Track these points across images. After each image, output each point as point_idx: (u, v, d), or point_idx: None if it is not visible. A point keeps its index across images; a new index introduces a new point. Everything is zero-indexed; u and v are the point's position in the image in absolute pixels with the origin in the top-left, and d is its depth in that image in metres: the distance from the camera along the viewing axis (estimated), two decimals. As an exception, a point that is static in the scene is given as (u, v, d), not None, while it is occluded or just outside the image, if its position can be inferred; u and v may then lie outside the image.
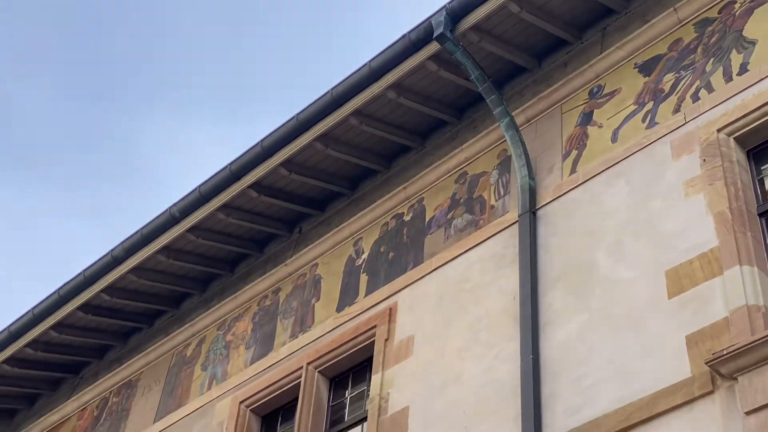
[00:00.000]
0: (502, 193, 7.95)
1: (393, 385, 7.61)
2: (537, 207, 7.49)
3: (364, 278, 8.66)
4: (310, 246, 9.38)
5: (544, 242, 7.25)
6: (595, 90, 7.75)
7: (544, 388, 6.48)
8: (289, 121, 8.77)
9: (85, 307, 10.30)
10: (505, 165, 8.09)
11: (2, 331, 10.55)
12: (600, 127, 7.51)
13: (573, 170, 7.46)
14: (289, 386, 8.63)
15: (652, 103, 7.24)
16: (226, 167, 9.17)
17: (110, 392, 10.62)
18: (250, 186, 9.19)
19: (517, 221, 7.51)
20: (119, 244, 9.86)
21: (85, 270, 10.07)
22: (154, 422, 9.74)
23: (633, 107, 7.36)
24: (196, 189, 9.36)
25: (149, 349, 10.43)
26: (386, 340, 7.95)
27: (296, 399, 8.53)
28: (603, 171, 7.20)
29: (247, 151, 9.06)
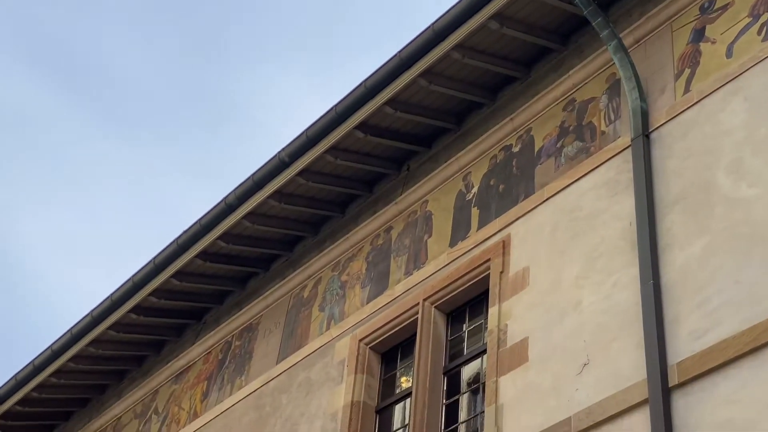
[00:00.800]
0: (612, 118, 7.79)
1: (511, 316, 7.60)
2: (650, 130, 7.33)
3: (475, 212, 8.63)
4: (419, 183, 9.38)
5: (659, 165, 7.10)
6: (706, 5, 7.49)
7: (667, 313, 6.39)
8: (391, 59, 8.74)
9: (203, 255, 10.54)
10: (614, 89, 7.92)
11: (127, 281, 10.89)
12: (713, 43, 7.27)
13: (686, 90, 7.25)
14: (406, 323, 8.71)
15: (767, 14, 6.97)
16: (331, 109, 9.20)
17: (232, 336, 10.89)
18: (356, 127, 9.21)
19: (630, 146, 7.37)
20: (232, 192, 10.04)
21: (200, 218, 10.29)
22: (276, 363, 9.95)
23: (747, 20, 7.09)
24: (303, 133, 9.43)
25: (267, 293, 10.64)
26: (501, 272, 7.93)
27: (414, 335, 8.60)
28: (718, 88, 6.99)
29: (351, 92, 9.07)
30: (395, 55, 8.69)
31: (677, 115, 7.22)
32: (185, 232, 10.42)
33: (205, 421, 10.43)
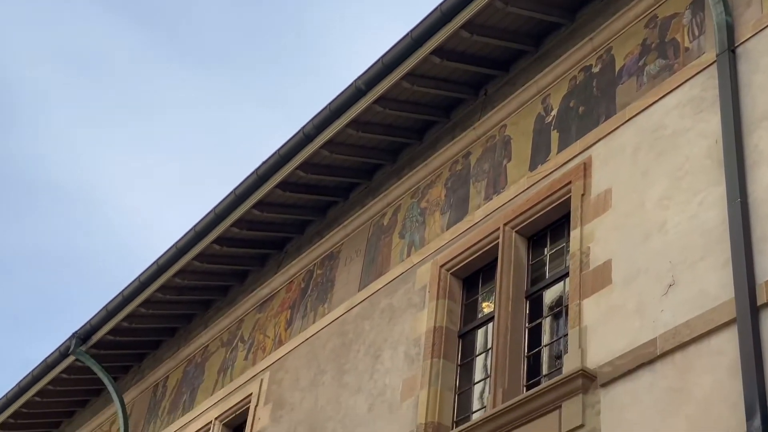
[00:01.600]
0: (696, 34, 7.59)
1: (593, 239, 7.54)
2: (736, 45, 7.12)
3: (555, 135, 8.53)
4: (497, 107, 9.29)
5: (745, 81, 6.91)
6: None
7: (755, 231, 6.27)
8: (467, -18, 8.61)
9: (282, 185, 10.63)
10: (697, 4, 7.70)
11: (209, 212, 11.05)
12: (801, -48, 7.00)
13: (774, 2, 7.02)
14: (487, 248, 8.70)
15: None
16: (407, 35, 9.12)
17: (314, 265, 11.01)
18: (433, 52, 9.13)
19: (715, 61, 7.18)
20: (309, 121, 10.06)
21: (279, 149, 10.36)
22: (358, 290, 10.05)
23: (838, -74, 6.81)
24: (379, 60, 9.37)
25: (347, 222, 10.71)
26: (583, 195, 7.85)
27: (495, 260, 8.59)
28: (807, 0, 6.75)
29: (426, 17, 8.96)
30: (471, -23, 8.56)
31: (764, 29, 7.01)
32: (264, 163, 10.50)
33: (290, 348, 10.62)
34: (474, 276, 8.96)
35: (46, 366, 13.45)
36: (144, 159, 45.34)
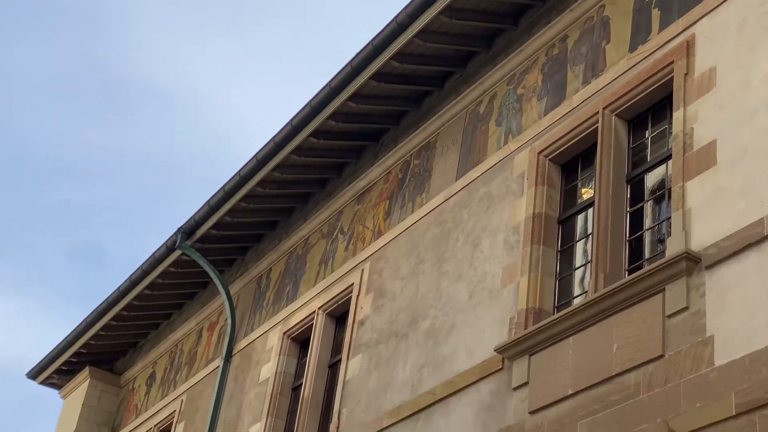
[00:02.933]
0: None
1: (697, 119, 7.35)
2: None
3: (656, 13, 8.26)
4: (595, -13, 9.01)
5: None
6: None
7: None
8: None
9: (377, 76, 10.58)
10: None
11: (305, 106, 11.10)
12: None
13: None
14: (586, 133, 8.56)
15: None
16: None
17: (410, 155, 11.02)
18: (527, -68, 8.87)
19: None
20: (402, 10, 9.94)
21: (372, 40, 10.28)
22: (455, 180, 10.04)
23: None
24: (471, -57, 9.16)
25: (442, 111, 10.64)
26: (686, 74, 7.63)
27: (595, 144, 8.46)
28: None
29: None
30: None
31: None
32: (358, 54, 10.45)
33: (390, 239, 10.72)
34: (573, 162, 8.85)
35: (154, 260, 13.88)
36: (241, 59, 45.60)
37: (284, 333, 12.07)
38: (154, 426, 14.50)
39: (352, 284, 11.06)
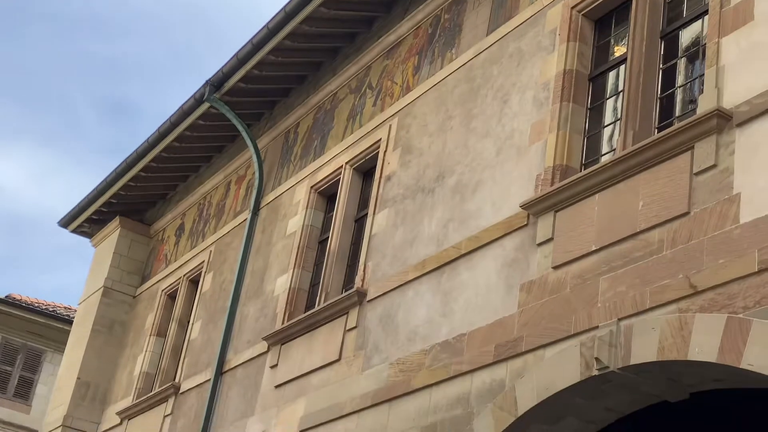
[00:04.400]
0: None
1: (736, -26, 7.14)
2: None
3: None
4: None
5: None
6: None
7: None
8: None
9: (409, -74, 10.33)
10: None
11: (334, -44, 10.89)
12: None
13: None
14: (621, -13, 8.36)
15: None
16: None
17: (441, 10, 10.83)
18: None
19: None
20: None
21: None
22: (486, 35, 9.90)
23: None
24: None
25: (475, -36, 10.40)
26: (727, -73, 7.38)
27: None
28: None
29: None
30: None
31: None
32: None
33: (418, 94, 10.65)
34: (607, 17, 8.68)
35: (183, 113, 13.91)
36: None
37: (311, 187, 12.15)
38: (183, 276, 14.81)
39: (380, 140, 11.06)
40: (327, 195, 12.09)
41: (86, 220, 16.90)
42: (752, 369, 5.93)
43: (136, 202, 16.49)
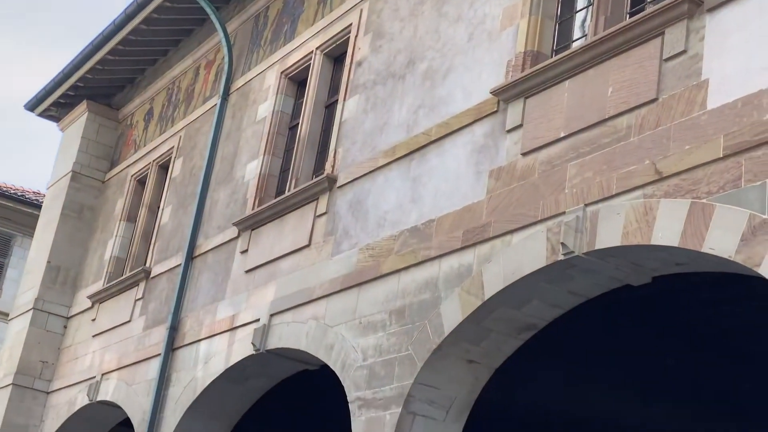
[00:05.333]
0: None
1: None
2: None
3: None
4: None
5: None
6: None
7: None
8: None
9: None
10: None
11: None
12: None
13: None
14: None
15: None
16: None
17: None
18: None
19: None
20: None
21: None
22: None
23: None
24: None
25: None
26: None
27: None
28: None
29: None
30: None
31: None
32: None
33: (390, -22, 10.49)
34: None
35: (150, -5, 13.65)
36: None
37: (282, 72, 12.04)
38: (153, 161, 14.75)
39: (351, 24, 10.92)
40: (297, 80, 11.99)
41: (53, 104, 16.71)
42: (713, 253, 6.03)
43: (103, 86, 16.29)
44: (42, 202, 19.60)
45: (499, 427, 12.26)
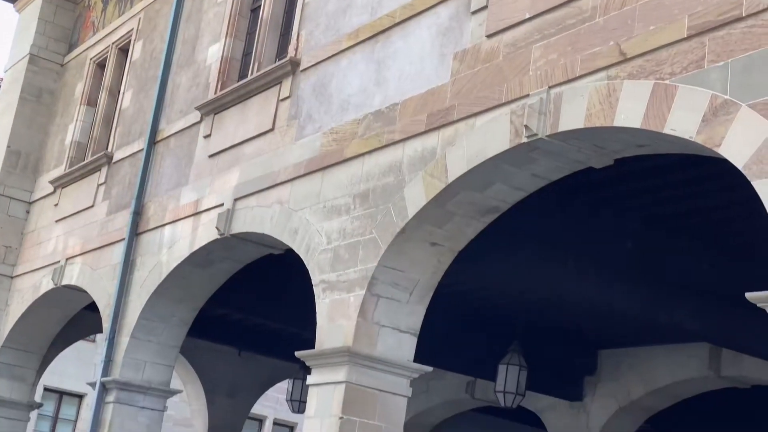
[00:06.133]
0: None
1: None
2: None
3: None
4: None
5: None
6: None
7: None
8: None
9: None
10: None
11: None
12: None
13: None
14: None
15: None
16: None
17: None
18: None
19: None
20: None
21: None
22: None
23: None
24: None
25: None
26: None
27: None
28: None
29: None
30: None
31: None
32: None
33: None
34: None
35: None
36: None
37: (242, -48, 11.75)
38: (112, 44, 14.47)
39: None
40: (258, -41, 11.73)
41: (8, -16, 16.28)
42: (675, 134, 6.06)
43: (60, -37, 15.84)
44: None
45: (462, 310, 12.47)
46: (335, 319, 8.42)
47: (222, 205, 10.52)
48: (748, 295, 5.63)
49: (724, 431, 14.90)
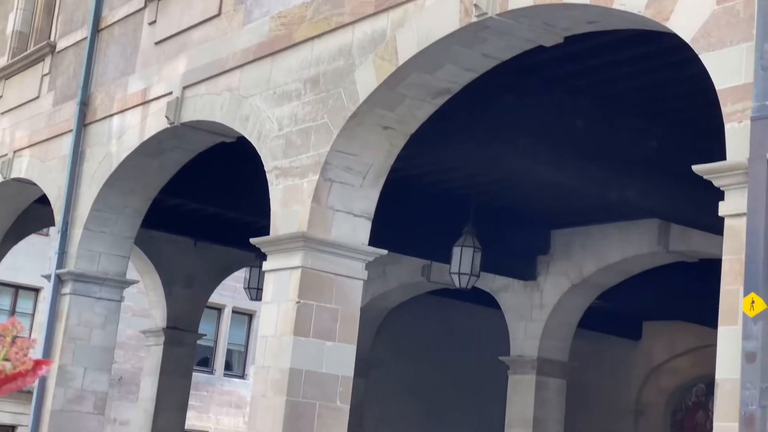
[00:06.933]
0: None
1: None
2: None
3: None
4: None
5: None
6: None
7: None
8: None
9: None
10: None
11: None
12: None
13: None
14: None
15: None
16: None
17: None
18: None
19: None
20: None
21: None
22: None
23: None
24: None
25: None
26: None
27: None
28: None
29: None
30: None
31: None
32: None
33: None
34: None
35: None
36: None
37: None
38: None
39: None
40: None
41: None
42: (624, 8, 6.04)
43: None
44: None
45: (416, 193, 12.54)
46: (289, 204, 8.43)
47: (171, 93, 10.37)
48: (695, 167, 5.71)
49: (672, 305, 15.32)
